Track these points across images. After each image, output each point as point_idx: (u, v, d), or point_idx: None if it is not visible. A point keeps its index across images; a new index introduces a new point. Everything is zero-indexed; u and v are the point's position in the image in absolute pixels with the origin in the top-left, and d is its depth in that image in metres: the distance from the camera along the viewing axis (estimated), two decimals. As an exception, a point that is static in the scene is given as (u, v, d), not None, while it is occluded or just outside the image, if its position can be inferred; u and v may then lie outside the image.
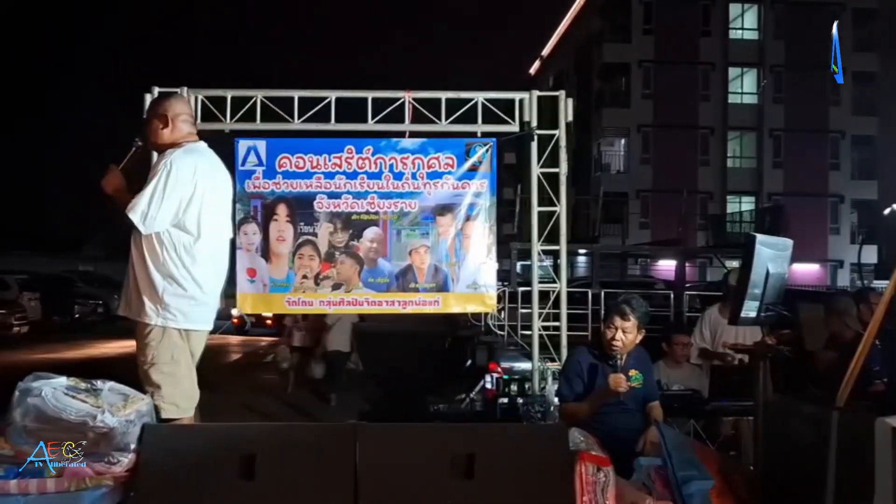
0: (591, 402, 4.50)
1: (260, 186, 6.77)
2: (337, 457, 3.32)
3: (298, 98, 6.84)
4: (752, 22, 39.24)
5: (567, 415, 4.67)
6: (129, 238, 4.02)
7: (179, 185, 3.94)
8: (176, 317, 4.00)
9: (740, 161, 39.71)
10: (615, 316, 4.58)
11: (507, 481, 3.33)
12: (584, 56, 41.19)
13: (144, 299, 3.98)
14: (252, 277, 6.80)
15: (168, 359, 4.00)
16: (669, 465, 3.63)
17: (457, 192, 6.85)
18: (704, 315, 7.18)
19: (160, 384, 3.95)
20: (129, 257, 4.04)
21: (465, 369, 10.61)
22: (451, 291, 6.86)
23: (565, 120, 6.91)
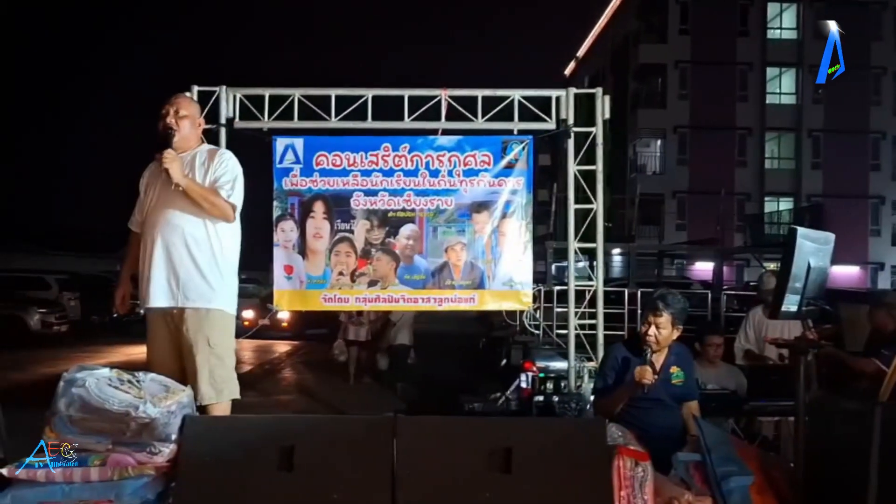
0: (617, 394, 4.49)
1: (297, 184, 6.82)
2: (375, 449, 3.31)
3: (335, 96, 6.89)
4: (790, 21, 38.72)
5: (598, 408, 4.70)
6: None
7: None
8: (233, 303, 4.28)
9: (778, 162, 39.18)
10: (648, 311, 4.56)
11: (545, 475, 3.30)
12: (619, 57, 40.96)
13: (214, 287, 4.14)
14: (289, 274, 6.85)
15: (232, 344, 4.24)
16: (708, 460, 3.59)
17: (493, 189, 6.85)
18: (748, 315, 7.11)
19: (231, 368, 4.19)
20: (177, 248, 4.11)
21: (500, 369, 10.60)
22: (487, 289, 6.86)
23: (602, 117, 6.88)
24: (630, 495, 3.35)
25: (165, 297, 4.13)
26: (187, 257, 4.12)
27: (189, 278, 4.12)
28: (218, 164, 4.21)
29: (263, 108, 6.86)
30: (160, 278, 4.12)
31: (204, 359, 4.10)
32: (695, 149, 37.56)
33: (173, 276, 4.11)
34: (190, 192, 4.05)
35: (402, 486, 3.23)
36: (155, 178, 4.25)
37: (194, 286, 4.12)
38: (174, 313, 4.14)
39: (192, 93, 6.53)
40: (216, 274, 4.18)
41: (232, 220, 4.21)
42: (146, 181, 4.33)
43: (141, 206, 4.34)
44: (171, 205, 4.13)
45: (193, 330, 4.12)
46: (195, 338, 4.11)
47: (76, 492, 3.11)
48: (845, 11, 35.93)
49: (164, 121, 4.19)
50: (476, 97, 6.87)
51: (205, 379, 4.09)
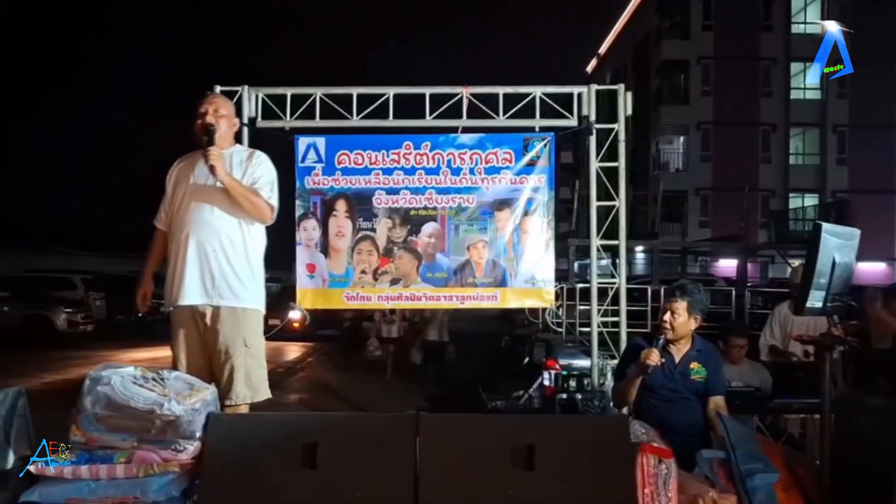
0: (629, 380, 4.53)
1: (319, 183, 6.84)
2: (398, 447, 3.32)
3: (357, 95, 6.90)
4: (815, 15, 38.31)
5: (613, 395, 4.80)
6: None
7: None
8: (264, 302, 4.32)
9: (803, 158, 38.83)
10: (665, 297, 4.65)
11: (568, 473, 3.29)
12: (641, 53, 40.76)
13: (248, 286, 4.18)
14: (311, 273, 6.88)
15: (264, 344, 4.28)
16: (733, 457, 3.57)
17: (515, 186, 6.84)
18: (774, 312, 7.08)
19: (264, 368, 4.23)
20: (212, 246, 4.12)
21: (523, 367, 10.58)
22: (510, 286, 6.84)
23: (624, 113, 6.85)
24: (654, 493, 3.33)
25: (199, 296, 4.13)
26: (223, 256, 4.13)
27: (224, 277, 4.13)
28: (256, 165, 4.23)
29: (285, 107, 6.89)
30: (194, 277, 4.11)
31: (241, 359, 4.12)
32: (718, 145, 37.30)
33: (208, 274, 4.12)
34: (232, 190, 4.05)
35: (424, 483, 3.23)
36: (185, 176, 4.24)
37: (229, 285, 4.14)
38: (206, 312, 4.14)
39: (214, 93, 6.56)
40: (249, 273, 4.20)
41: (270, 221, 4.25)
42: (174, 178, 4.31)
43: (168, 203, 4.33)
44: (206, 203, 4.14)
45: (230, 330, 4.13)
46: (232, 338, 4.12)
47: (102, 488, 3.14)
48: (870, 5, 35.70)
49: (204, 119, 4.17)
50: (497, 94, 6.85)
51: (241, 379, 4.11)
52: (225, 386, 4.09)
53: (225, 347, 4.12)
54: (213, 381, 3.93)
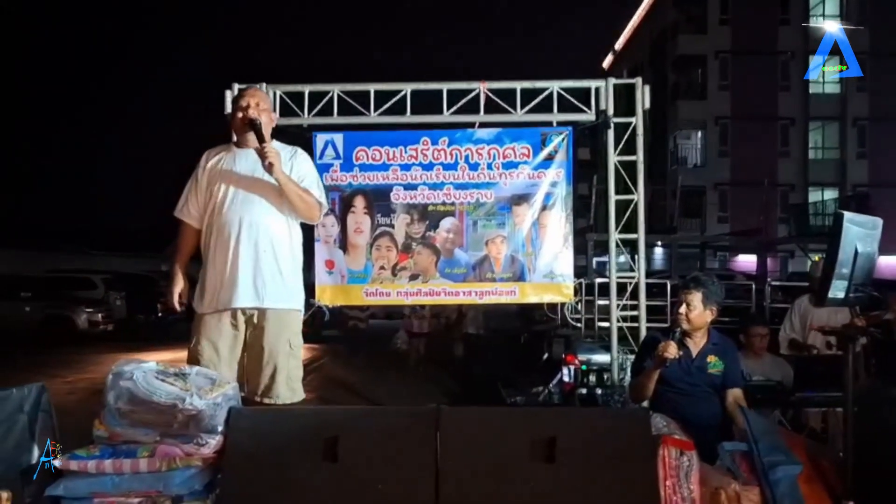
0: (647, 373, 4.49)
1: (337, 179, 6.87)
2: (419, 440, 3.31)
3: (374, 91, 6.91)
4: (833, 8, 38.03)
5: (630, 390, 4.75)
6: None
7: None
8: (303, 303, 4.24)
9: (822, 152, 38.52)
10: (680, 290, 4.60)
11: (589, 465, 3.28)
12: (658, 49, 40.56)
13: (292, 287, 4.12)
14: (330, 269, 6.90)
15: (301, 343, 4.22)
16: (755, 450, 3.54)
17: (532, 181, 6.84)
18: (794, 305, 7.03)
19: (301, 369, 4.19)
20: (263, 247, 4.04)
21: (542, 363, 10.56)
22: (528, 281, 6.84)
23: (642, 107, 6.82)
24: (675, 485, 3.32)
25: (250, 298, 4.03)
26: (272, 257, 4.05)
27: (273, 279, 4.04)
28: (301, 163, 4.17)
29: (303, 104, 6.92)
30: (247, 279, 4.01)
31: (285, 360, 4.06)
32: (736, 140, 37.05)
33: (260, 276, 4.02)
34: (287, 189, 3.96)
35: (445, 476, 3.23)
36: (226, 171, 4.11)
37: (276, 287, 4.06)
38: (253, 314, 4.07)
39: (233, 90, 6.59)
40: (293, 274, 4.14)
41: (318, 220, 4.24)
42: (210, 173, 4.14)
43: (204, 199, 4.16)
44: (254, 201, 4.04)
45: (276, 332, 4.07)
46: (277, 340, 4.07)
47: (126, 483, 3.16)
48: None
49: (246, 112, 4.04)
50: (514, 89, 6.86)
51: (283, 381, 4.06)
52: (266, 386, 4.04)
53: (269, 349, 4.05)
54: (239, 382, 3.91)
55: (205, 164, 4.17)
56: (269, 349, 4.05)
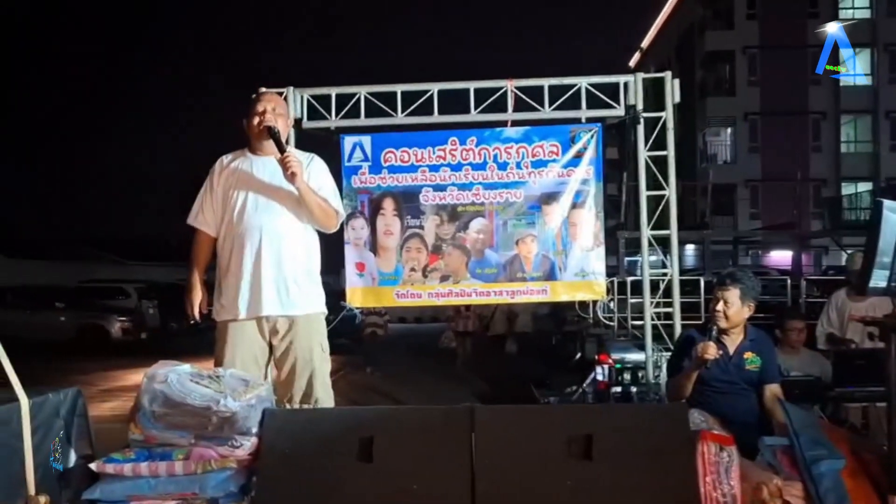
0: (683, 374, 4.42)
1: (366, 181, 6.86)
2: (454, 439, 3.29)
3: (401, 92, 6.89)
4: (862, 0, 37.59)
5: (668, 390, 4.70)
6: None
7: None
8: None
9: (855, 146, 38.06)
10: (716, 286, 4.50)
11: (627, 462, 3.24)
12: (685, 45, 40.26)
13: (316, 291, 4.16)
14: (361, 271, 6.90)
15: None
16: (797, 444, 3.48)
17: (562, 179, 6.78)
18: (831, 299, 6.92)
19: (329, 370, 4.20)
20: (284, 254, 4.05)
21: (574, 363, 10.52)
22: (560, 280, 6.79)
23: (672, 102, 6.75)
24: (715, 481, 3.26)
25: (275, 306, 4.04)
26: (293, 264, 4.06)
27: (297, 285, 4.06)
28: (319, 171, 4.15)
29: (330, 107, 6.91)
30: (270, 287, 4.01)
31: (320, 364, 4.10)
32: (766, 135, 36.71)
33: (283, 283, 4.04)
34: (307, 198, 3.96)
35: (481, 475, 3.20)
36: (242, 178, 4.09)
37: (302, 293, 4.08)
38: (280, 322, 4.08)
39: (259, 95, 6.61)
40: (315, 279, 4.17)
41: (335, 229, 4.19)
42: (224, 179, 4.13)
43: (220, 206, 4.15)
44: (276, 209, 4.04)
45: (307, 337, 4.10)
46: (310, 345, 4.10)
47: (162, 485, 3.16)
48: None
49: (263, 117, 4.00)
50: (542, 87, 6.79)
51: (320, 384, 4.09)
52: (305, 392, 4.08)
53: (304, 355, 4.08)
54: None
55: (220, 170, 4.16)
56: (303, 355, 4.07)
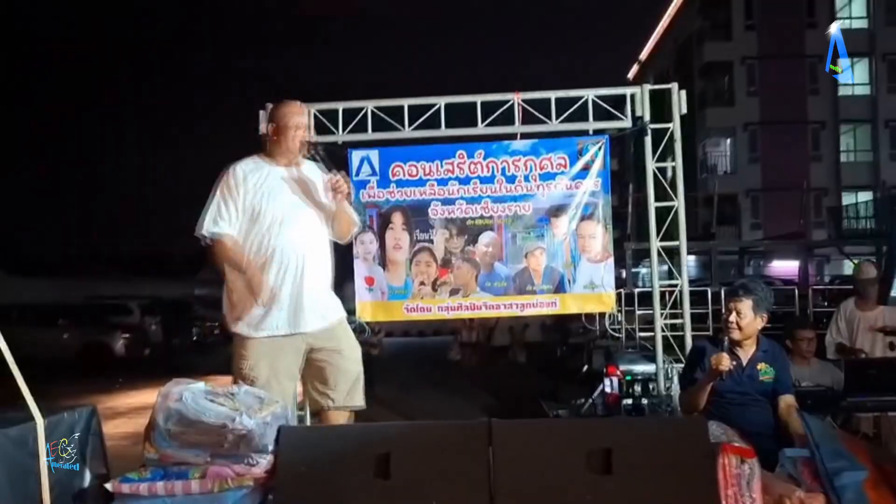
0: (700, 385, 4.38)
1: (374, 196, 6.84)
2: (471, 454, 3.28)
3: (408, 106, 6.87)
4: (860, 10, 37.75)
5: (681, 402, 4.64)
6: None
7: None
8: None
9: (855, 155, 38.16)
10: (728, 297, 4.48)
11: (647, 475, 3.22)
12: (684, 56, 40.37)
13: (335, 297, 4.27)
14: (370, 286, 6.88)
15: None
16: (817, 455, 3.46)
17: (570, 192, 6.77)
18: (840, 309, 6.90)
19: None
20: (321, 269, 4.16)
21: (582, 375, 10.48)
22: (569, 292, 6.78)
23: (679, 112, 6.76)
24: (737, 494, 3.24)
25: (317, 320, 4.11)
26: (325, 276, 4.18)
27: (329, 295, 4.20)
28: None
29: (338, 122, 6.89)
30: (311, 303, 4.07)
31: (358, 366, 4.21)
32: (766, 146, 36.82)
33: (320, 297, 4.13)
34: (346, 214, 4.19)
35: (499, 490, 3.19)
36: (274, 191, 4.09)
37: (333, 301, 4.23)
38: (318, 333, 4.12)
39: (266, 111, 6.61)
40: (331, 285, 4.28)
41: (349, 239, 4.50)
42: (252, 193, 4.08)
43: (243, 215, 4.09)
44: (306, 224, 4.11)
45: (346, 341, 4.22)
46: (350, 348, 4.21)
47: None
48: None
49: (304, 131, 4.18)
50: (549, 99, 6.79)
51: (359, 386, 4.20)
52: (349, 393, 4.16)
53: (348, 358, 4.18)
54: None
55: (241, 178, 4.10)
56: (347, 359, 4.17)
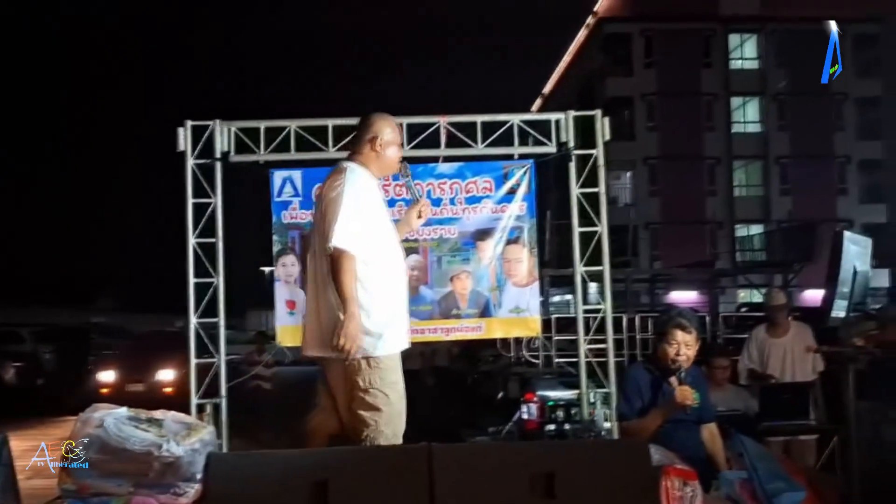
0: (653, 418, 4.34)
1: (297, 217, 6.68)
2: (412, 479, 3.21)
3: (332, 126, 6.74)
4: (752, 51, 39.60)
5: (630, 433, 4.53)
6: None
7: None
8: None
9: (747, 189, 39.78)
10: (675, 330, 4.38)
11: (590, 499, 3.22)
12: (586, 91, 41.33)
13: None
14: (292, 309, 6.69)
15: None
16: (756, 478, 3.50)
17: (496, 215, 6.76)
18: (751, 336, 7.09)
19: None
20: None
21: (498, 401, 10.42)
22: (494, 316, 6.75)
23: (602, 138, 6.85)
24: (680, 515, 3.25)
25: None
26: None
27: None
28: None
29: (259, 140, 6.71)
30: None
31: None
32: (665, 179, 38.05)
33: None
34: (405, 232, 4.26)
35: (442, 516, 3.11)
36: (382, 205, 4.05)
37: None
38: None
39: (185, 127, 6.41)
40: None
41: None
42: (371, 203, 3.89)
43: (375, 229, 3.89)
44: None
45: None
46: None
47: (98, 539, 2.96)
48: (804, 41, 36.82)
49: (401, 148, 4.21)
50: (475, 123, 6.78)
51: None
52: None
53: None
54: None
55: (366, 189, 3.88)
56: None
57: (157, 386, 14.16)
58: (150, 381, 14.08)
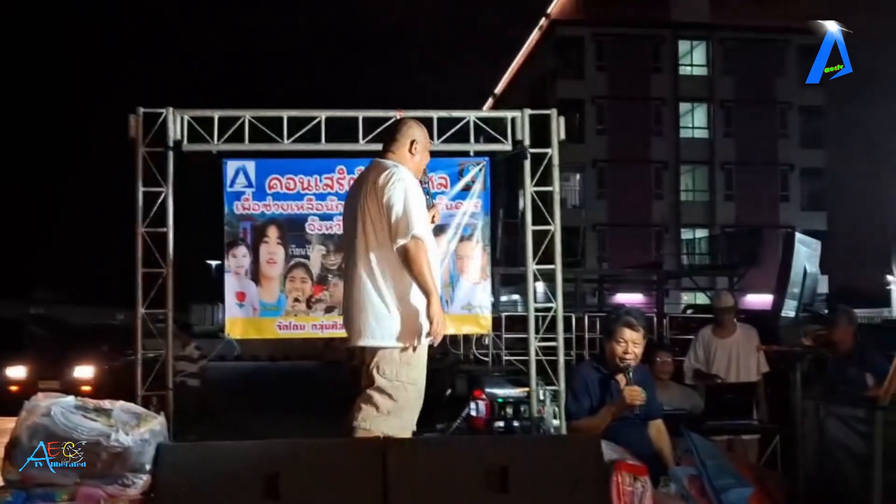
0: (603, 417, 4.39)
1: (249, 208, 6.59)
2: (365, 473, 3.21)
3: (287, 118, 6.65)
4: (700, 58, 40.24)
5: (580, 431, 4.56)
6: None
7: None
8: None
9: (693, 194, 40.42)
10: (623, 328, 4.45)
11: (543, 493, 3.26)
12: (538, 93, 41.58)
13: None
14: (241, 301, 6.60)
15: None
16: (704, 473, 3.56)
17: (450, 212, 6.73)
18: (698, 336, 7.18)
19: None
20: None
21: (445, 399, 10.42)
22: (446, 313, 6.70)
23: (557, 138, 6.88)
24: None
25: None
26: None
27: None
28: None
29: (213, 130, 6.59)
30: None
31: None
32: (613, 182, 38.50)
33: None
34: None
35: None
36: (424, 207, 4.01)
37: None
38: None
39: (137, 114, 6.28)
40: None
41: None
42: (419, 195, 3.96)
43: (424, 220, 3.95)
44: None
45: None
46: None
47: (41, 531, 2.89)
48: (751, 49, 37.81)
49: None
50: (432, 118, 6.73)
51: None
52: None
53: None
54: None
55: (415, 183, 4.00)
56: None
57: (74, 384, 12.96)
58: (67, 379, 12.95)
